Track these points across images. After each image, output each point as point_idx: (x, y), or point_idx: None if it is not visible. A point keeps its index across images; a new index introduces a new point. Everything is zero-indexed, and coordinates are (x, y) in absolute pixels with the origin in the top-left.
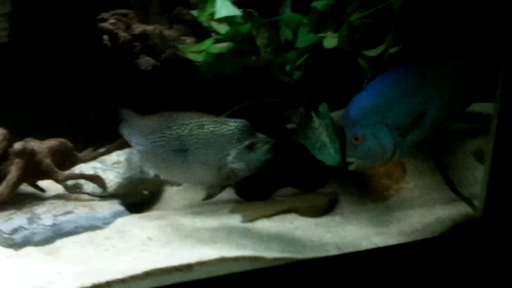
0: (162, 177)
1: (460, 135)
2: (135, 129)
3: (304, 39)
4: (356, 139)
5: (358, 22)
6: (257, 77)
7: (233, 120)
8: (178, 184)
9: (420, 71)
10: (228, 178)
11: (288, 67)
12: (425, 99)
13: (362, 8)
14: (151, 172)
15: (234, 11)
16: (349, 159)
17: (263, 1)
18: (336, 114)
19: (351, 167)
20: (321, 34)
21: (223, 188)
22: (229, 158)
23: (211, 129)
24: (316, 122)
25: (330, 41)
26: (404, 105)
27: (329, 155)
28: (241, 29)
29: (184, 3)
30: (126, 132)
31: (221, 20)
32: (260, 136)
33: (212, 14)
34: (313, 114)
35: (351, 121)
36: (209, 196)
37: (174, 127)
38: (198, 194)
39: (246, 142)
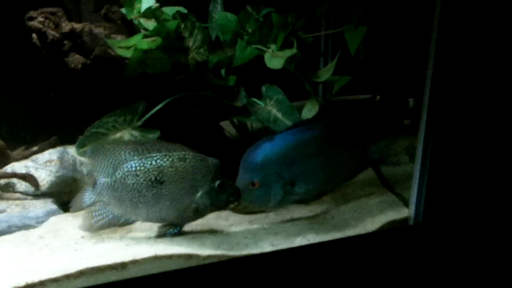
0: (118, 213)
1: (393, 131)
2: (102, 158)
3: (242, 55)
4: (253, 184)
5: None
6: (189, 76)
7: (210, 158)
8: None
9: (326, 136)
10: (190, 217)
11: (223, 71)
12: (324, 162)
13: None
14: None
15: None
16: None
17: None
18: None
19: (239, 208)
20: (259, 46)
21: (180, 227)
22: (198, 194)
23: (192, 163)
24: (261, 103)
25: (275, 61)
26: (305, 163)
27: (285, 126)
28: (169, 25)
29: (115, 0)
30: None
31: (148, 16)
32: (226, 179)
33: (140, 11)
34: (254, 100)
35: (252, 166)
36: (162, 235)
37: (156, 157)
38: None
39: (218, 182)
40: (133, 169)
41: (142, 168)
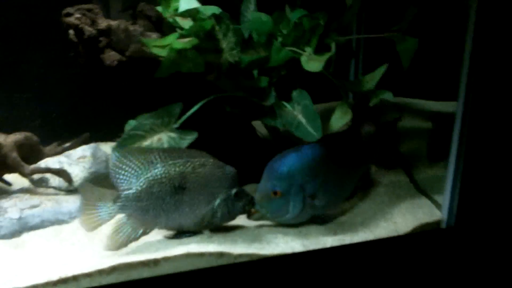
0: (138, 224)
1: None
2: (123, 169)
3: (277, 57)
4: (275, 193)
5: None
6: (221, 76)
7: (227, 166)
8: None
9: (345, 150)
10: (206, 224)
11: (255, 72)
12: (341, 176)
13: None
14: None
15: (196, 4)
16: (257, 208)
17: None
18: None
19: (254, 217)
20: (293, 48)
21: (192, 234)
22: (216, 202)
23: (211, 169)
24: (289, 107)
25: (312, 64)
26: (326, 177)
27: (306, 132)
28: (204, 25)
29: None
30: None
31: (185, 15)
32: (242, 188)
33: (176, 9)
34: (283, 102)
35: (277, 174)
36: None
37: (178, 163)
38: None
39: (234, 190)
40: (158, 176)
41: (167, 175)
